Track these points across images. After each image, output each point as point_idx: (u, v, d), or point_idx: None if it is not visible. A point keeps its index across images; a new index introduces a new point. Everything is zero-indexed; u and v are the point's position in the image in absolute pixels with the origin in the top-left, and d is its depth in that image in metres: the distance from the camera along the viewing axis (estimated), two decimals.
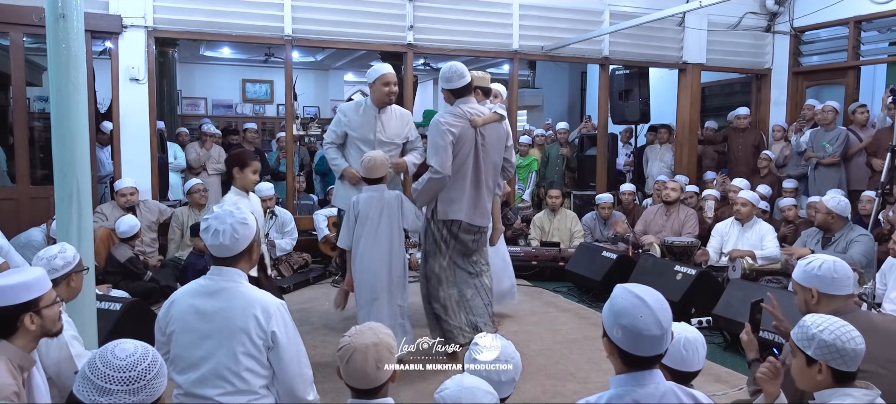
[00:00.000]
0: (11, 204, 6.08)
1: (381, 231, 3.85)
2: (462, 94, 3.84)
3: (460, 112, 3.77)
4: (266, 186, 6.50)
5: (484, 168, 3.84)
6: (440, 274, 3.87)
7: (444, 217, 3.82)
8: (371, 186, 3.91)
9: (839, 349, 1.92)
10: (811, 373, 1.98)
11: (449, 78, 3.82)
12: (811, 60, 8.17)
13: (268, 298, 2.26)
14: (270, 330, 2.19)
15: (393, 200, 3.92)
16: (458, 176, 3.76)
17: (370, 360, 1.87)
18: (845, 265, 2.47)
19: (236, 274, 2.28)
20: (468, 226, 3.86)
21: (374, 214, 3.86)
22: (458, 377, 1.92)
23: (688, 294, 4.75)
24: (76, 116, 3.00)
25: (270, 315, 2.21)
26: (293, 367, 2.25)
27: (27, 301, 2.01)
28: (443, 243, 3.86)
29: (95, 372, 1.50)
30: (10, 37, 5.98)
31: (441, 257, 3.88)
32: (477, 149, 3.79)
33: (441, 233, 3.86)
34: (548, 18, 7.53)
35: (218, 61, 12.53)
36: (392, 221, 3.88)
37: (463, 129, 3.73)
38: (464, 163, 3.77)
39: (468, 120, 3.75)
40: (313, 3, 6.76)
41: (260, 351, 2.20)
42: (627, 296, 1.70)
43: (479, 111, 3.84)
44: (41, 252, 2.60)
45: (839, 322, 1.99)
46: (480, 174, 3.84)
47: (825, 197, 5.00)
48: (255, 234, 2.32)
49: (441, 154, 3.68)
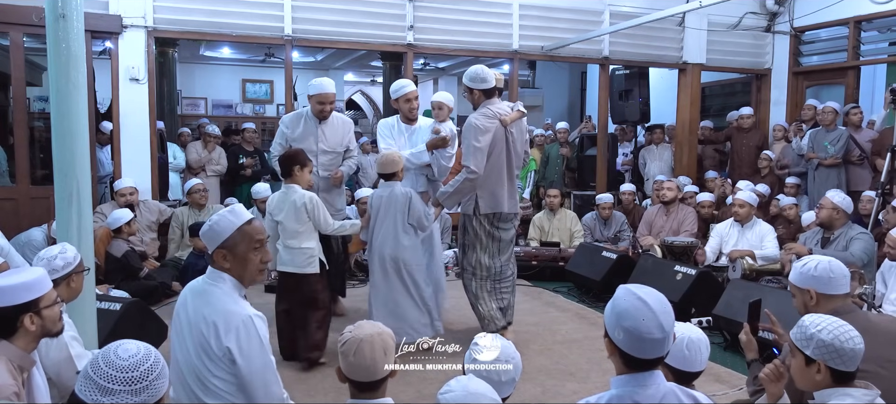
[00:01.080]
0: (11, 204, 6.08)
1: (389, 225, 4.14)
2: (491, 95, 4.17)
3: (491, 112, 4.10)
4: (263, 186, 6.51)
5: (514, 161, 4.24)
6: (478, 266, 4.23)
7: (488, 210, 4.18)
8: (386, 182, 4.21)
9: (838, 349, 1.92)
10: (810, 373, 1.97)
11: (484, 78, 4.14)
12: (811, 60, 8.17)
13: (235, 310, 2.12)
14: (225, 345, 2.06)
15: (401, 197, 4.15)
16: (494, 171, 4.12)
17: (377, 349, 1.89)
18: (841, 264, 2.47)
19: (225, 278, 2.19)
20: (508, 214, 4.25)
21: (384, 209, 4.16)
22: (464, 379, 1.91)
23: (688, 294, 4.75)
24: (76, 116, 3.00)
25: (229, 329, 2.07)
26: (255, 387, 2.10)
27: (27, 301, 2.01)
28: (485, 237, 4.22)
29: (98, 372, 1.50)
30: (10, 37, 5.99)
31: (481, 251, 4.23)
32: (508, 144, 4.17)
33: (484, 227, 4.21)
34: (548, 18, 7.54)
35: (218, 61, 12.53)
36: (399, 216, 4.13)
37: (496, 129, 4.09)
38: (498, 158, 4.13)
39: (499, 119, 4.09)
40: (313, 3, 6.76)
41: (224, 362, 2.09)
42: (630, 298, 1.70)
43: (505, 110, 4.19)
44: (41, 252, 2.60)
45: (838, 321, 1.98)
46: (512, 167, 4.24)
47: (829, 193, 5.01)
48: None
49: (477, 155, 4.01)
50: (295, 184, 3.94)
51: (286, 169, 3.97)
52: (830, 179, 6.51)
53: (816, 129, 6.89)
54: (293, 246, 3.92)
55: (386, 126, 4.74)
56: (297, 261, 3.95)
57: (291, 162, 3.97)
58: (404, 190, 4.18)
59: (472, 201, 4.17)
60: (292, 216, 3.90)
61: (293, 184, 3.95)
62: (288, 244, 3.94)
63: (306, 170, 3.98)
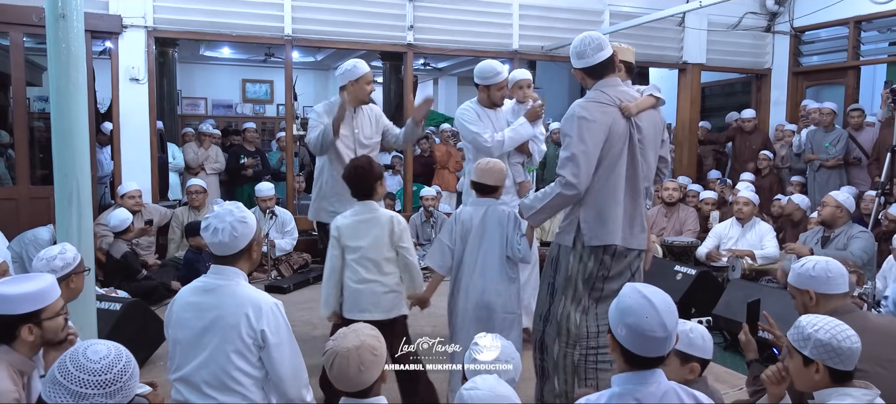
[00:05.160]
0: (11, 204, 6.08)
1: (482, 258, 3.11)
2: (603, 73, 2.83)
3: (607, 98, 2.78)
4: (266, 186, 6.51)
5: (641, 170, 2.85)
6: (564, 322, 2.86)
7: (593, 242, 2.81)
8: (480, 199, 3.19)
9: (835, 348, 1.92)
10: (809, 373, 1.98)
11: (581, 52, 2.82)
12: (811, 60, 8.17)
13: (262, 297, 2.26)
14: (260, 328, 2.17)
15: (501, 219, 3.14)
16: (609, 183, 2.79)
17: (352, 364, 1.84)
18: (838, 264, 2.47)
19: (234, 272, 2.28)
20: (624, 250, 2.85)
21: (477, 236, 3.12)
22: (490, 379, 1.89)
23: (688, 294, 4.75)
24: (76, 116, 3.00)
25: (261, 313, 2.19)
26: (285, 368, 2.23)
27: (27, 312, 1.98)
28: (582, 282, 2.85)
29: (68, 376, 1.46)
30: (10, 37, 5.98)
31: (575, 300, 2.86)
32: (632, 145, 2.81)
33: (585, 266, 2.84)
34: (548, 18, 7.53)
35: (218, 61, 12.52)
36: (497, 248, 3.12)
37: (613, 122, 2.76)
38: (615, 165, 2.79)
39: (618, 108, 2.78)
40: (313, 3, 6.76)
41: (251, 350, 2.19)
42: (635, 296, 1.72)
43: (629, 95, 2.84)
44: (41, 252, 2.59)
45: (834, 321, 1.99)
46: (638, 179, 2.85)
47: (833, 192, 5.01)
48: (254, 234, 2.31)
49: (581, 160, 2.71)
50: (373, 202, 3.09)
51: (364, 185, 3.06)
52: (831, 180, 6.51)
53: (814, 129, 6.89)
54: (373, 279, 3.01)
55: (469, 111, 4.01)
56: (384, 303, 3.02)
57: (370, 176, 3.07)
58: (505, 210, 3.17)
59: (573, 226, 2.86)
60: (377, 241, 3.02)
61: (371, 201, 3.08)
62: (366, 279, 3.01)
63: (383, 183, 3.15)
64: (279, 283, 5.86)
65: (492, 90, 4.02)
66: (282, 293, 5.57)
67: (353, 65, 4.06)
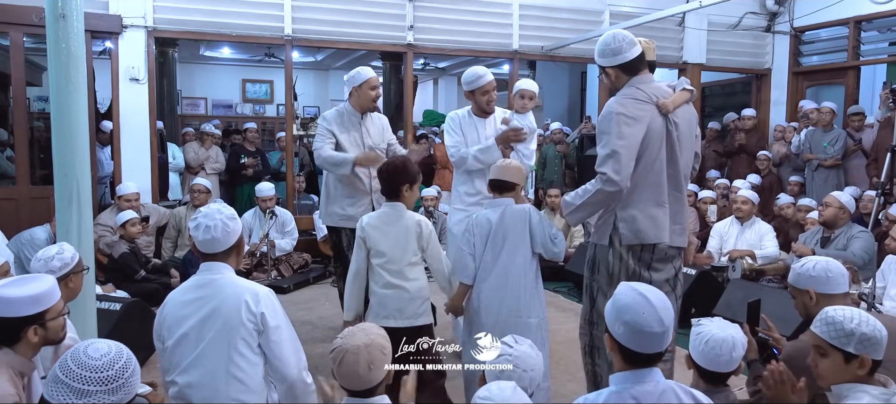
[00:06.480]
0: (11, 204, 6.08)
1: (504, 261, 3.01)
2: (638, 69, 2.80)
3: (643, 94, 2.74)
4: (266, 186, 6.51)
5: (681, 166, 2.83)
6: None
7: (633, 241, 2.77)
8: (498, 198, 3.09)
9: (879, 339, 1.91)
10: (851, 369, 1.92)
11: (616, 49, 2.76)
12: (811, 60, 8.17)
13: (257, 284, 2.36)
14: (260, 311, 2.23)
15: (519, 218, 3.03)
16: (649, 181, 2.75)
17: (361, 361, 1.84)
18: (838, 263, 2.47)
19: (226, 267, 2.33)
20: (666, 249, 2.81)
21: (498, 239, 3.01)
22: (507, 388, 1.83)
23: (688, 294, 4.74)
24: (76, 116, 3.00)
25: (259, 298, 2.26)
26: (285, 349, 2.28)
27: (32, 314, 1.99)
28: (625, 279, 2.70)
29: (69, 373, 1.47)
30: (10, 37, 5.98)
31: None
32: (672, 141, 2.78)
33: (626, 265, 2.80)
34: (548, 18, 7.54)
35: (218, 61, 12.53)
36: (520, 249, 3.02)
37: (652, 118, 2.72)
38: (654, 162, 2.75)
39: (657, 104, 2.74)
40: (313, 3, 6.76)
41: (252, 335, 2.23)
42: (631, 293, 1.75)
43: (663, 91, 2.81)
44: (39, 252, 2.59)
45: (863, 313, 1.96)
46: (679, 176, 2.82)
47: (835, 192, 5.02)
48: (241, 233, 2.40)
49: (623, 155, 2.65)
50: (401, 203, 3.02)
51: (391, 185, 3.00)
52: (830, 180, 6.51)
53: (813, 129, 6.89)
54: (399, 285, 2.94)
55: (452, 120, 3.99)
56: (409, 310, 2.94)
57: (401, 177, 2.99)
58: (524, 207, 3.08)
59: (609, 225, 2.81)
60: (402, 243, 2.97)
61: (398, 203, 3.02)
62: (392, 283, 2.93)
63: (416, 187, 3.05)
64: (279, 283, 5.86)
65: (477, 95, 3.92)
66: (282, 293, 5.57)
67: (356, 71, 4.10)
